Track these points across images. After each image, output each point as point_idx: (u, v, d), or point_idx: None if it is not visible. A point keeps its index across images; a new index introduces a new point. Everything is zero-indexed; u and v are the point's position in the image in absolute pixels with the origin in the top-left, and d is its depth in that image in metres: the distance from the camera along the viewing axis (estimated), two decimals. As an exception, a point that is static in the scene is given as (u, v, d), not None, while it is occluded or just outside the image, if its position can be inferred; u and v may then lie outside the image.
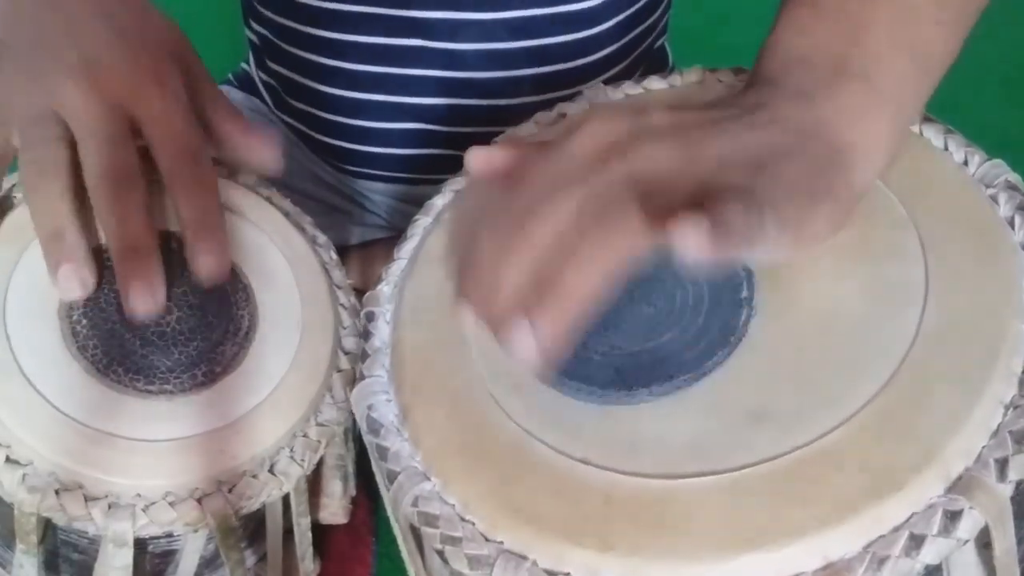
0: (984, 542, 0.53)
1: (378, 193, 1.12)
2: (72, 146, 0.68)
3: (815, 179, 0.57)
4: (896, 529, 0.51)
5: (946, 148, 0.64)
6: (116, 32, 0.70)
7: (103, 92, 0.68)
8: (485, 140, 0.73)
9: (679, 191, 0.54)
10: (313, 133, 1.10)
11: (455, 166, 0.71)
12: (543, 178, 0.56)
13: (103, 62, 0.69)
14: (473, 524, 0.56)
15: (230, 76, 1.18)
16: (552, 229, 0.54)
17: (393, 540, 0.65)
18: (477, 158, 0.63)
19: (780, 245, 0.55)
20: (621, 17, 1.00)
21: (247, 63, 1.17)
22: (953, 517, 0.51)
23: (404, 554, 0.65)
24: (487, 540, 0.55)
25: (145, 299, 0.66)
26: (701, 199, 0.53)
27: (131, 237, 0.67)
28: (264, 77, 1.13)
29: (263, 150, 0.74)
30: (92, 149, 0.67)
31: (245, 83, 1.16)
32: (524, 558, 0.54)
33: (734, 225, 0.52)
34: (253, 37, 1.11)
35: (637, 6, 1.02)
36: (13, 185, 0.73)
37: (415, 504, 0.57)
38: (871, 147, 0.59)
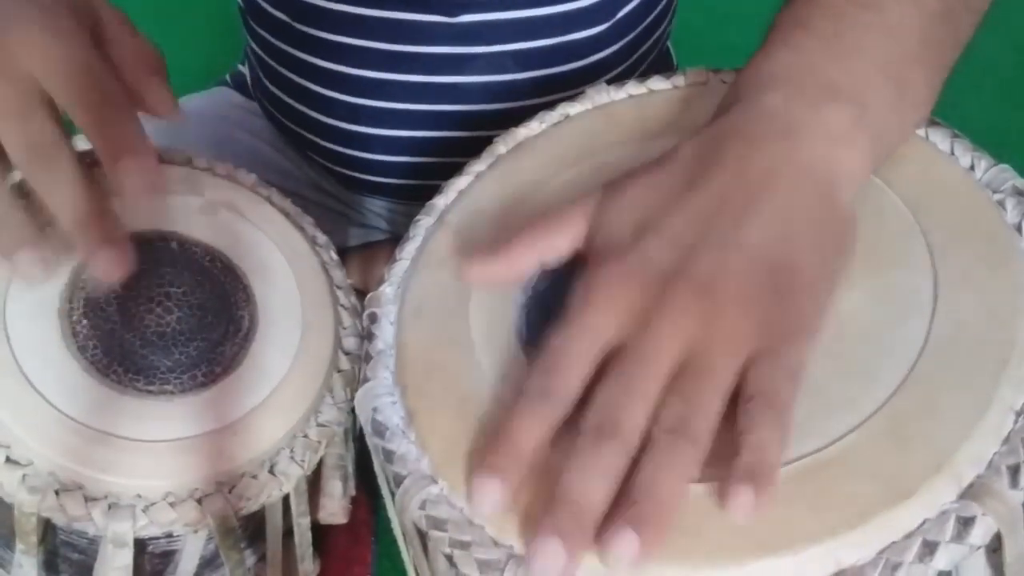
0: (993, 547, 0.53)
1: (377, 205, 1.12)
2: None
3: (824, 241, 0.57)
4: (909, 535, 0.51)
5: (952, 152, 0.64)
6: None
7: (7, 67, 0.66)
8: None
9: (716, 346, 0.54)
10: (309, 152, 1.09)
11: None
12: (574, 363, 0.55)
13: (6, 34, 0.66)
14: (482, 528, 0.56)
15: (226, 77, 1.17)
16: (629, 437, 0.53)
17: (393, 540, 0.65)
18: (475, 274, 0.63)
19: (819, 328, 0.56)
20: (629, 39, 1.01)
21: (243, 65, 1.16)
22: (966, 523, 0.51)
23: (405, 557, 0.65)
24: (497, 544, 0.55)
25: (112, 261, 0.65)
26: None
27: (79, 206, 0.65)
28: (260, 95, 1.12)
29: (160, 93, 0.72)
30: (10, 124, 0.65)
31: (241, 85, 1.16)
32: None
33: (770, 454, 0.52)
34: (250, 54, 1.10)
35: (644, 25, 1.02)
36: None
37: (423, 508, 0.57)
38: (856, 170, 0.60)
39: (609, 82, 0.74)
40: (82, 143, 0.67)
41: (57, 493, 0.65)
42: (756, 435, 0.52)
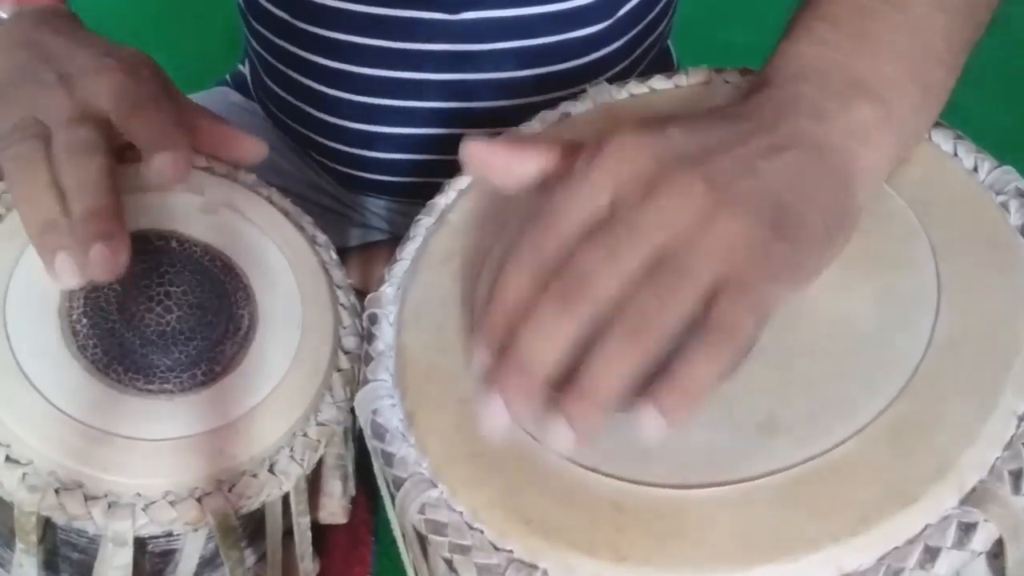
0: (995, 553, 0.52)
1: (377, 205, 1.11)
2: (50, 143, 0.69)
3: (829, 217, 0.57)
4: (911, 541, 0.51)
5: (956, 154, 0.64)
6: (92, 53, 0.73)
7: (76, 95, 0.71)
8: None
9: (703, 245, 0.53)
10: (310, 151, 1.09)
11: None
12: (571, 217, 0.55)
13: (78, 74, 0.72)
14: (482, 532, 0.56)
15: (227, 77, 1.17)
16: (591, 307, 0.53)
17: (393, 540, 0.65)
18: (473, 154, 0.61)
19: (799, 290, 0.56)
20: (629, 37, 1.01)
21: (243, 65, 1.16)
22: (968, 529, 0.50)
23: (405, 558, 0.65)
24: (496, 549, 0.55)
25: (105, 260, 0.66)
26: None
27: (90, 200, 0.67)
28: (261, 95, 1.12)
29: (247, 141, 0.78)
30: (59, 132, 0.69)
31: (242, 85, 1.15)
32: (535, 567, 0.54)
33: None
34: (251, 53, 1.10)
35: (644, 23, 1.02)
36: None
37: (422, 511, 0.57)
38: (875, 169, 0.60)
39: (610, 80, 0.74)
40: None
41: (57, 492, 0.65)
42: (698, 367, 0.51)
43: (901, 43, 0.62)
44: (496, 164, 0.61)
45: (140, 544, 0.68)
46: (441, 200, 0.71)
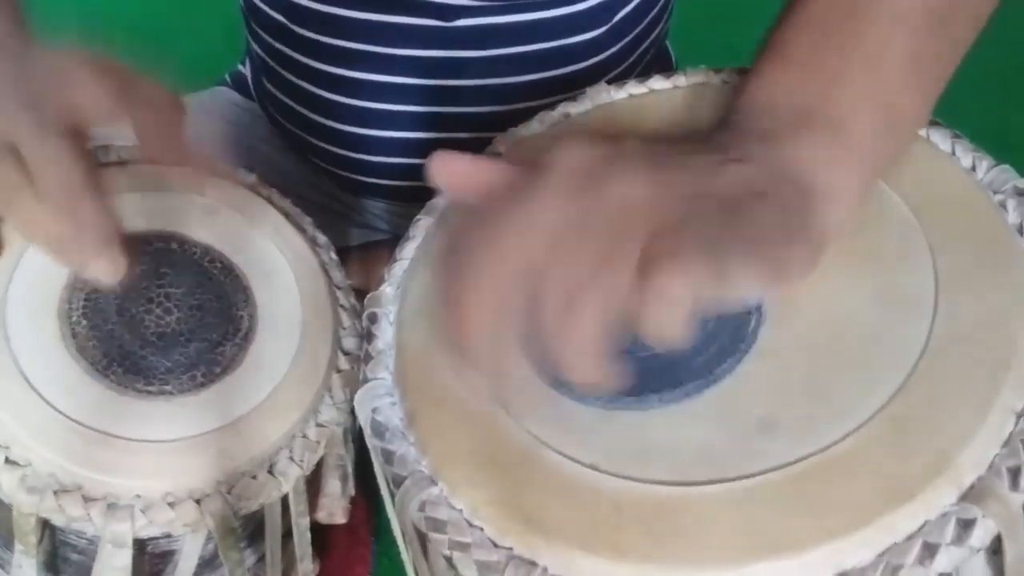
0: (994, 549, 0.52)
1: (377, 207, 1.12)
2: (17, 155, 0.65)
3: (788, 219, 0.56)
4: (909, 538, 0.51)
5: (953, 153, 0.64)
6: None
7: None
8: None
9: (649, 222, 0.52)
10: (308, 154, 1.09)
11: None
12: (520, 212, 0.54)
13: (52, 90, 0.67)
14: (482, 530, 0.55)
15: (226, 77, 1.17)
16: (556, 284, 0.52)
17: (393, 540, 0.65)
18: (440, 169, 0.60)
19: (757, 285, 0.54)
20: (627, 40, 1.01)
21: (243, 65, 1.16)
22: (966, 526, 0.50)
23: (405, 557, 0.65)
24: (496, 546, 0.55)
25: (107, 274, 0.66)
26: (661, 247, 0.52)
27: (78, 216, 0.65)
28: (261, 95, 1.12)
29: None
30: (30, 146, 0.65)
31: (242, 86, 1.16)
32: (534, 565, 0.54)
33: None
34: (252, 55, 1.10)
35: (641, 26, 1.02)
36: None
37: (422, 509, 0.57)
38: (838, 194, 0.58)
39: (608, 83, 0.74)
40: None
41: (56, 493, 0.65)
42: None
43: (856, 73, 0.60)
44: (464, 179, 0.59)
45: (139, 545, 0.68)
46: (440, 201, 0.71)
